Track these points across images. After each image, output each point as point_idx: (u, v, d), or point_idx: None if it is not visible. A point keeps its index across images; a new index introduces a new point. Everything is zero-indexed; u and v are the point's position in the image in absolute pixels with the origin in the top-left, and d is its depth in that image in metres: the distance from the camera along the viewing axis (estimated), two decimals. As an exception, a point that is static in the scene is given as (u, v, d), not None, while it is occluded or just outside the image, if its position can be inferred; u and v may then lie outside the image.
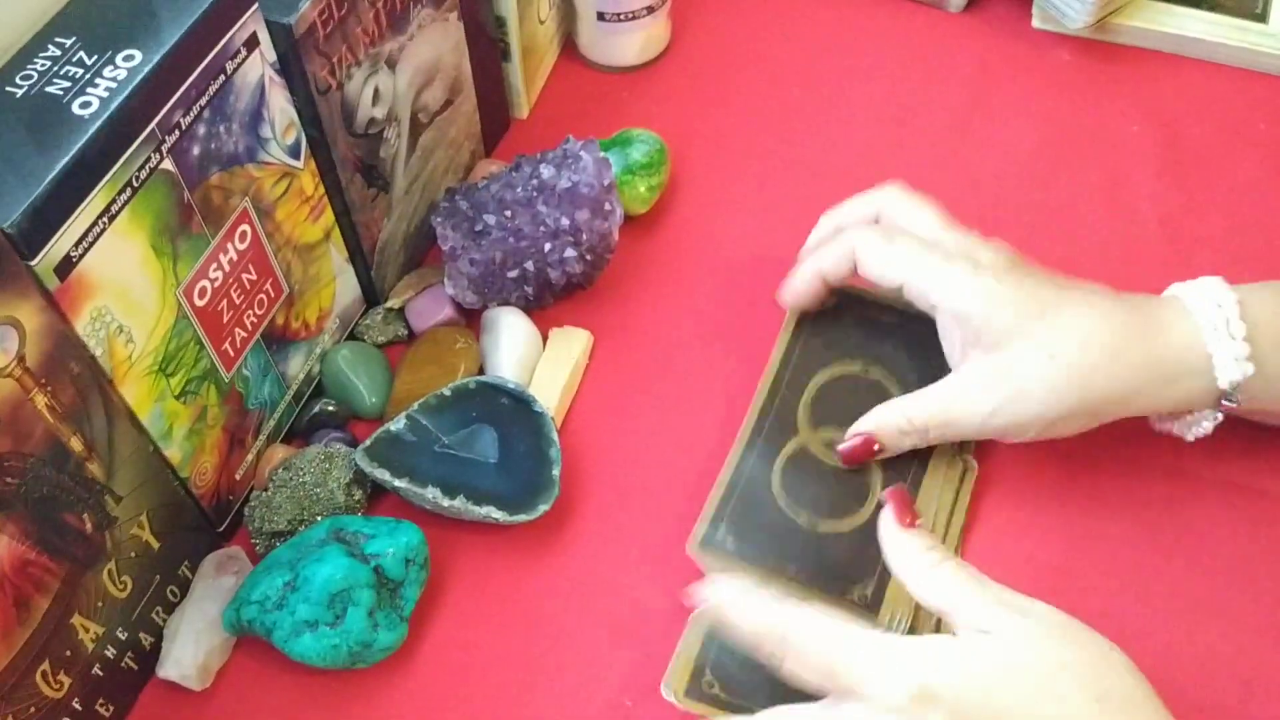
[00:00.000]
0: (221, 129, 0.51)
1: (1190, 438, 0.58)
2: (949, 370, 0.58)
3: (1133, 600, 0.57)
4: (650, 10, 0.78)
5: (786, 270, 0.70)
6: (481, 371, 0.65)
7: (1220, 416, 0.56)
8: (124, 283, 0.48)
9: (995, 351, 0.55)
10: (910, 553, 0.49)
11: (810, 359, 0.63)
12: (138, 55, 0.47)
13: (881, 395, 0.60)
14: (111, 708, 0.54)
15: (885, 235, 0.59)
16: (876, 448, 0.58)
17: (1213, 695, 0.54)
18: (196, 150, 0.50)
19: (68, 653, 0.50)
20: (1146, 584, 0.58)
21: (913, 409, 0.57)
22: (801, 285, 0.62)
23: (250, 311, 0.57)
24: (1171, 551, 0.58)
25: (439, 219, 0.66)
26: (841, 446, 0.59)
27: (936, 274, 0.56)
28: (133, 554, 0.53)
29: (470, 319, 0.68)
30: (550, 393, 0.64)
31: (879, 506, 0.53)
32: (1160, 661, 0.55)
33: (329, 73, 0.56)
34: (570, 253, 0.65)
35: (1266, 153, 0.74)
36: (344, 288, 0.65)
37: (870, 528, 0.53)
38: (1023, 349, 0.55)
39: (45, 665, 0.49)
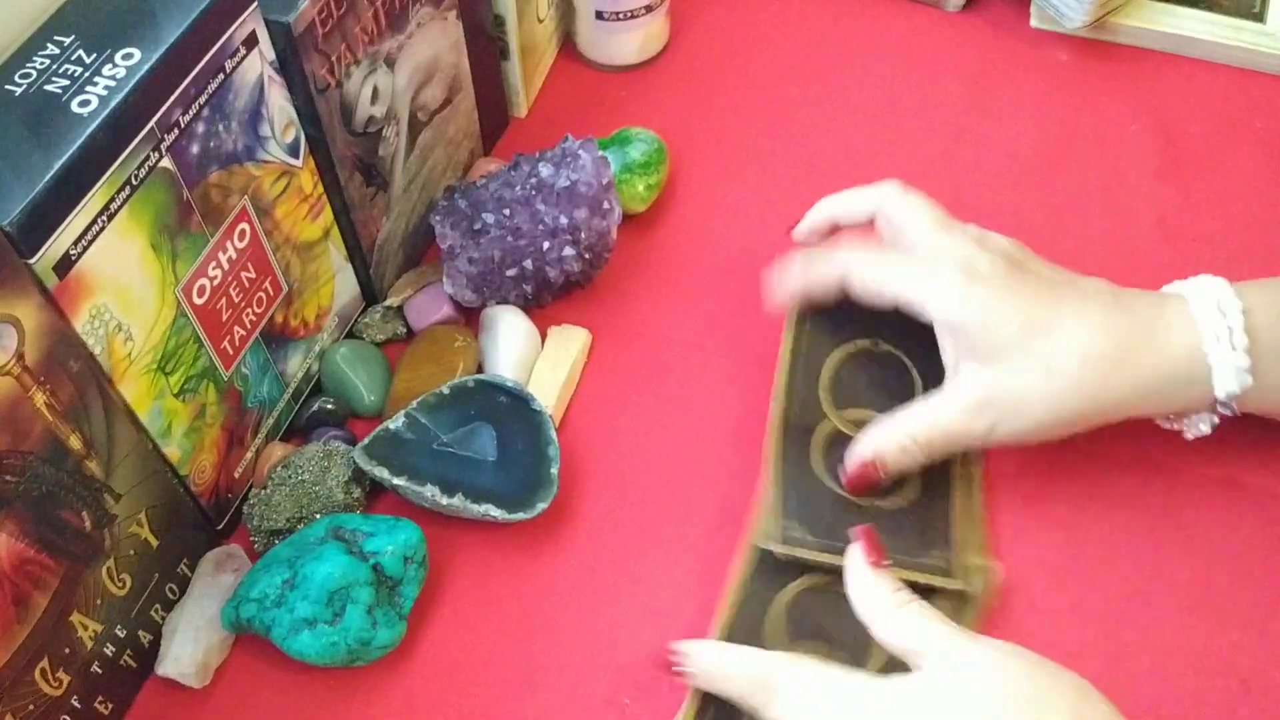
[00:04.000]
0: (220, 127, 0.51)
1: (1190, 436, 0.58)
2: None
3: (1130, 598, 0.57)
4: (649, 9, 0.78)
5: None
6: (480, 370, 0.65)
7: (1216, 420, 0.57)
8: (123, 281, 0.48)
9: (991, 365, 0.55)
10: (876, 593, 0.48)
11: (819, 344, 0.63)
12: (137, 54, 0.47)
13: (896, 365, 0.61)
14: (110, 705, 0.54)
15: (875, 256, 0.58)
16: (882, 473, 0.57)
17: (1210, 693, 0.54)
18: (195, 149, 0.50)
19: (66, 650, 0.50)
20: (1144, 582, 0.58)
21: (914, 427, 0.56)
22: (786, 295, 0.62)
23: (249, 310, 0.57)
24: (1169, 549, 0.59)
25: (438, 217, 0.66)
26: (845, 477, 0.58)
27: (929, 289, 0.56)
28: (132, 552, 0.53)
29: (469, 317, 0.68)
30: (549, 391, 0.64)
31: (925, 480, 0.54)
32: (1158, 659, 0.55)
33: (328, 71, 0.56)
34: (569, 251, 0.65)
35: (1264, 152, 0.75)
36: (343, 286, 0.65)
37: (925, 499, 0.57)
38: (1020, 364, 0.54)
39: (44, 663, 0.49)
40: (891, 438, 0.56)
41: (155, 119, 0.47)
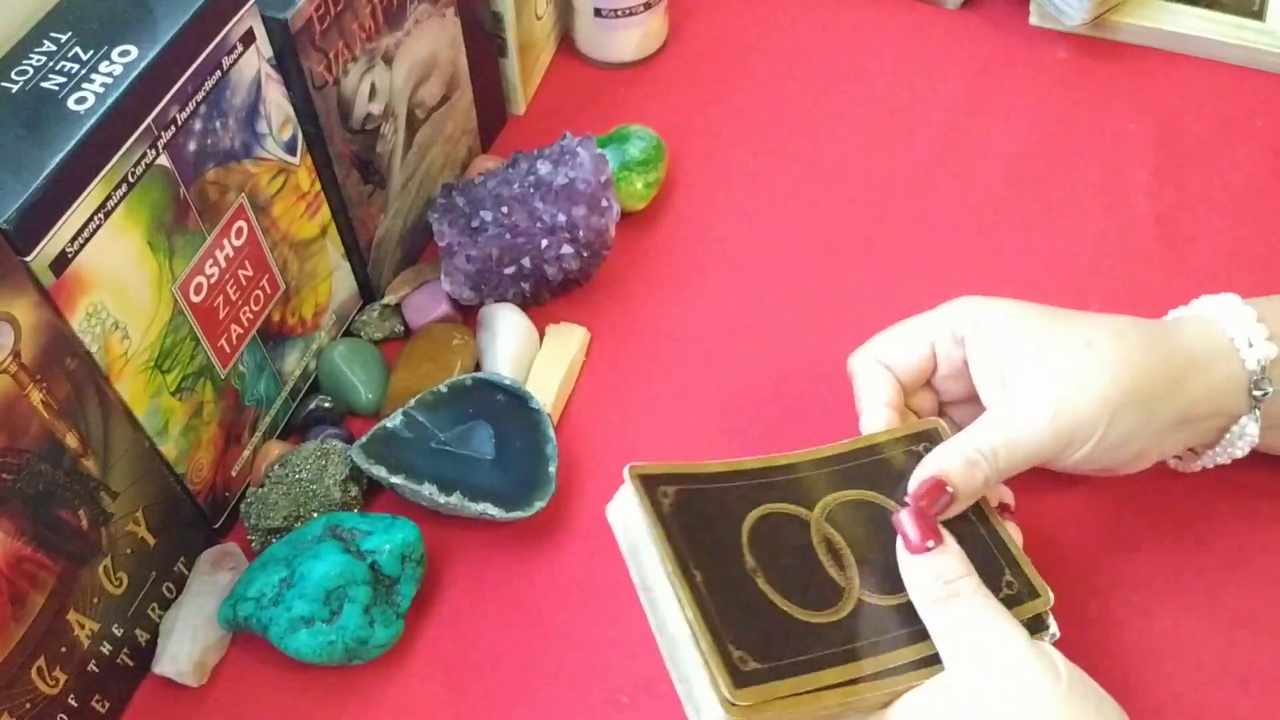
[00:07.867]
0: (218, 125, 0.51)
1: (1228, 458, 0.56)
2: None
3: (1130, 597, 0.57)
4: (647, 6, 0.78)
5: (784, 267, 0.71)
6: (478, 368, 0.65)
7: (1259, 422, 0.54)
8: (120, 279, 0.48)
9: (1036, 357, 0.53)
10: (917, 583, 0.48)
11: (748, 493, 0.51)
12: (134, 51, 0.47)
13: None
14: (107, 704, 0.54)
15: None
16: (949, 490, 0.50)
17: (1209, 692, 0.54)
18: (192, 146, 0.50)
19: (63, 649, 0.50)
20: (1144, 581, 0.58)
21: (977, 438, 0.52)
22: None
23: (246, 307, 0.57)
24: (1167, 547, 0.59)
25: (435, 215, 0.66)
26: (912, 499, 0.51)
27: (962, 303, 0.56)
28: (128, 550, 0.53)
29: (467, 315, 0.68)
30: (547, 389, 0.63)
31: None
32: (1157, 659, 0.55)
33: (325, 68, 0.56)
34: (567, 249, 0.65)
35: (1263, 150, 0.75)
36: (340, 284, 0.65)
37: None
38: (1061, 347, 0.53)
39: (41, 661, 0.49)
40: (956, 452, 0.52)
41: (152, 116, 0.47)
